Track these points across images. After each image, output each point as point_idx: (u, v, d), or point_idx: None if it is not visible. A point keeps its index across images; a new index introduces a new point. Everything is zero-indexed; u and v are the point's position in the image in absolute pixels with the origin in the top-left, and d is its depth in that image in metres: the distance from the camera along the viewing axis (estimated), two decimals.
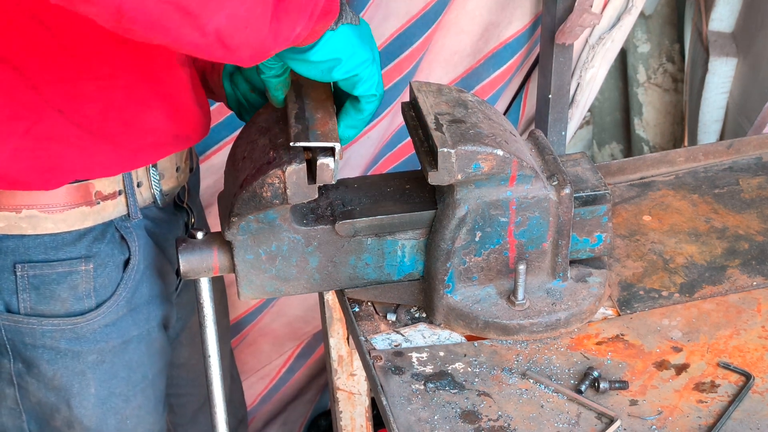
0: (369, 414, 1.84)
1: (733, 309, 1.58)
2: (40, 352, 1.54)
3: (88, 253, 1.51)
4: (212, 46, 1.17)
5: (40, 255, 1.49)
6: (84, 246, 1.51)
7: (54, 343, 1.54)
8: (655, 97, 3.08)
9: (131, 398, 1.63)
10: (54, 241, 1.49)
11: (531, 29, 2.31)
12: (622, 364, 1.48)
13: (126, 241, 1.55)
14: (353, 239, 1.51)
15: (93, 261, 1.51)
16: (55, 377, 1.56)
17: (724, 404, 1.41)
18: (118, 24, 1.11)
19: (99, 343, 1.56)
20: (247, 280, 1.51)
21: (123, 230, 1.54)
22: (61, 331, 1.53)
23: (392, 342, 1.53)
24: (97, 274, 1.52)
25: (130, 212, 1.54)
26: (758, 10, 2.62)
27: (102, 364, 1.58)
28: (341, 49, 1.33)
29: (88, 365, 1.57)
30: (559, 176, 1.50)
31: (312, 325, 2.46)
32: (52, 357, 1.54)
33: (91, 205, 1.49)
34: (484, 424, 1.39)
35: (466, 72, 2.31)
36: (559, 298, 1.54)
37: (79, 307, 1.53)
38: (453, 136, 1.43)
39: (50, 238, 1.49)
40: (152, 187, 1.56)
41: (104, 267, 1.53)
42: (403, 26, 2.15)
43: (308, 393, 2.70)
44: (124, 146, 1.46)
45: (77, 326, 1.53)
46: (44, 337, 1.53)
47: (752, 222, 1.76)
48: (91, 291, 1.53)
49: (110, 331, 1.56)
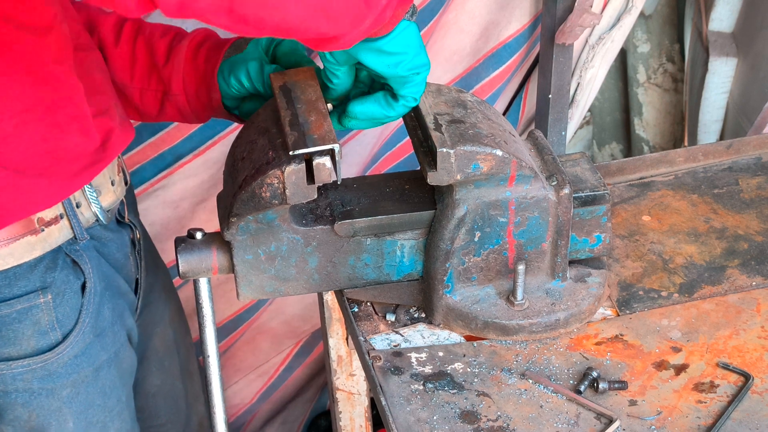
0: (368, 414, 1.84)
1: (732, 309, 1.58)
2: (13, 397, 1.48)
3: (43, 284, 1.45)
4: (317, 17, 1.18)
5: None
6: (37, 277, 1.45)
7: (26, 384, 1.47)
8: (655, 97, 3.08)
9: (109, 424, 1.58)
10: (5, 278, 1.42)
11: (530, 29, 2.31)
12: (621, 364, 1.48)
13: (78, 265, 1.49)
14: (352, 239, 1.51)
15: (50, 291, 1.46)
16: (31, 418, 1.50)
17: (723, 404, 1.41)
18: (229, 15, 1.12)
19: (71, 376, 1.50)
20: (246, 281, 1.51)
21: (73, 254, 1.49)
22: (32, 372, 1.47)
23: (391, 342, 1.53)
24: (56, 304, 1.47)
25: (76, 234, 1.48)
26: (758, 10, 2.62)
27: (77, 396, 1.52)
28: (411, 45, 1.36)
29: (63, 401, 1.51)
30: (559, 176, 1.50)
31: (310, 323, 2.46)
32: (26, 399, 1.48)
33: (35, 234, 1.43)
34: (483, 425, 1.39)
35: (466, 71, 2.31)
36: (559, 299, 1.54)
37: (45, 343, 1.47)
38: (452, 136, 1.43)
39: (1, 275, 1.42)
40: (91, 206, 1.51)
41: (62, 295, 1.47)
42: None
43: (307, 392, 2.70)
44: (56, 176, 1.41)
45: (48, 363, 1.47)
46: (16, 381, 1.47)
47: (752, 222, 1.76)
48: (54, 323, 1.47)
49: (81, 361, 1.51)
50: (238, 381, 2.49)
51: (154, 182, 2.14)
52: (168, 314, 1.78)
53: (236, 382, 2.49)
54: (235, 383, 2.49)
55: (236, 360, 2.46)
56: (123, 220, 1.63)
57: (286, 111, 1.44)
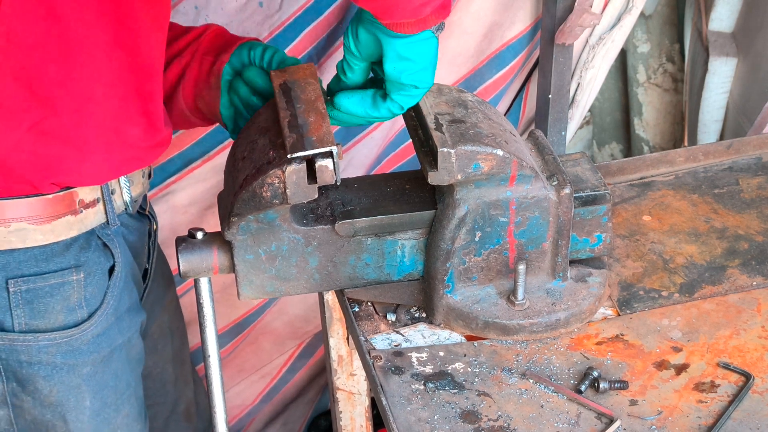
0: (369, 414, 1.84)
1: (732, 309, 1.58)
2: (36, 368, 1.52)
3: (77, 263, 1.51)
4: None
5: (32, 268, 1.48)
6: (72, 255, 1.51)
7: (50, 358, 1.52)
8: (655, 97, 3.08)
9: (120, 407, 1.62)
10: (44, 253, 1.49)
11: (533, 30, 2.31)
12: (621, 364, 1.48)
13: (109, 248, 1.55)
14: (353, 239, 1.51)
15: (83, 270, 1.51)
16: (52, 393, 1.54)
17: (723, 404, 1.41)
18: None
19: (92, 354, 1.55)
20: (246, 280, 1.51)
21: (105, 238, 1.55)
22: (57, 345, 1.52)
23: (392, 342, 1.53)
24: (86, 283, 1.52)
25: (108, 219, 1.55)
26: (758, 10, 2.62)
27: (95, 375, 1.57)
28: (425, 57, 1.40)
29: (83, 378, 1.56)
30: (559, 176, 1.50)
31: (313, 324, 2.46)
32: (48, 372, 1.53)
33: (75, 214, 1.49)
34: (483, 424, 1.39)
35: (470, 73, 2.31)
36: (559, 298, 1.54)
37: (72, 319, 1.52)
38: (453, 136, 1.43)
39: (40, 250, 1.48)
40: (123, 194, 1.57)
41: (93, 275, 1.53)
42: None
43: (309, 393, 2.69)
44: (112, 158, 1.48)
45: (72, 338, 1.53)
46: (40, 353, 1.51)
47: (752, 222, 1.76)
48: (83, 301, 1.52)
49: (101, 341, 1.56)
50: (240, 382, 2.49)
51: (164, 187, 2.14)
52: (165, 300, 1.82)
53: (238, 383, 2.49)
54: (237, 384, 2.49)
55: (239, 361, 2.46)
56: (143, 212, 1.69)
57: (286, 111, 1.44)
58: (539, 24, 2.29)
